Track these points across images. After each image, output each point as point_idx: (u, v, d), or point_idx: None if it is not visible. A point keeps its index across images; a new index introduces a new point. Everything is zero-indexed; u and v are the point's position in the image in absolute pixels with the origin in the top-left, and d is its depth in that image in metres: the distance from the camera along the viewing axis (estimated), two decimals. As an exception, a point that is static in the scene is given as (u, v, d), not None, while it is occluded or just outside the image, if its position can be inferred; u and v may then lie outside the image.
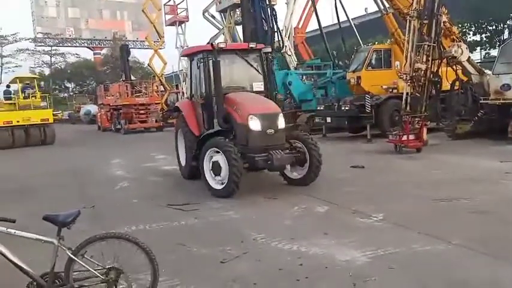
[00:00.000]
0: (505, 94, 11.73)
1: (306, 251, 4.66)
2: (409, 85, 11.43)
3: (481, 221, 5.35)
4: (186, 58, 9.50)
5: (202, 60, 7.89)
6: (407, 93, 11.48)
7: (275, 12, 17.76)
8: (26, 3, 62.10)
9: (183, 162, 8.98)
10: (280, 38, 18.79)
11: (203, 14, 28.71)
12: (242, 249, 4.78)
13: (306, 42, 25.74)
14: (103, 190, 8.56)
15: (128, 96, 26.76)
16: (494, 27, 31.94)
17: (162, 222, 6.00)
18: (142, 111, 26.15)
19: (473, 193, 6.59)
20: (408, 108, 11.41)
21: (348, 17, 20.40)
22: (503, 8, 28.95)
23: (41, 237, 3.23)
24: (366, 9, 39.87)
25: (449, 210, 5.90)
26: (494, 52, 29.52)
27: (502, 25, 31.72)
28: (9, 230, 3.15)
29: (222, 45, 7.84)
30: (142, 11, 28.88)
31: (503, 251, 4.32)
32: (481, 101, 12.42)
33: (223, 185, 7.01)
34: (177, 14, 25.33)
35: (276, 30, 17.54)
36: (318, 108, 15.81)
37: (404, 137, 10.93)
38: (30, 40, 57.39)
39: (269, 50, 8.41)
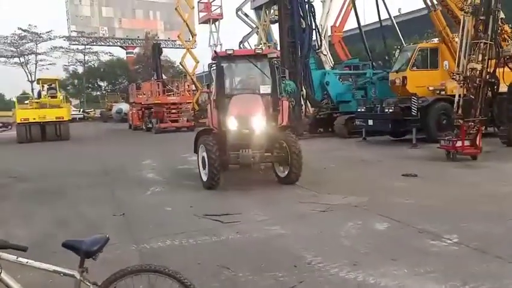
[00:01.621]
0: None
1: (374, 283, 3.82)
2: (462, 86, 10.36)
3: None
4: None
5: (211, 66, 8.56)
6: (459, 96, 10.42)
7: (313, 9, 16.89)
8: (61, 2, 63.32)
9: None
10: (318, 37, 17.88)
11: (236, 12, 28.07)
12: (297, 277, 3.98)
13: (342, 42, 24.68)
14: (134, 195, 7.94)
15: (159, 95, 26.43)
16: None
17: (200, 236, 5.26)
18: (173, 111, 25.75)
19: (558, 212, 5.58)
20: (460, 111, 10.36)
21: (389, 15, 19.29)
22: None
23: (59, 269, 2.51)
24: (399, 9, 38.49)
25: (536, 233, 4.93)
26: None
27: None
28: (20, 259, 2.45)
29: (229, 52, 8.47)
30: (176, 9, 28.53)
31: None
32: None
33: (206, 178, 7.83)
34: (211, 12, 24.73)
35: (314, 28, 16.64)
36: (359, 110, 14.82)
37: (459, 143, 9.86)
38: (64, 38, 58.30)
39: (275, 55, 8.75)
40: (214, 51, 8.90)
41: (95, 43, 61.09)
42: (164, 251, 4.87)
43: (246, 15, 28.34)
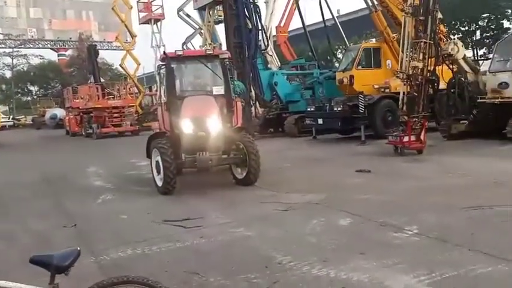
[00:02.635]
0: (502, 92, 11.42)
1: (347, 278, 3.90)
2: (405, 84, 10.93)
3: (531, 233, 4.75)
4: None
5: (162, 67, 8.33)
6: (403, 93, 10.98)
7: (259, 9, 17.02)
8: (-16, 3, 58.93)
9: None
10: (264, 37, 18.07)
11: (178, 13, 27.64)
12: (270, 278, 3.97)
13: (288, 42, 25.14)
14: (83, 204, 7.55)
15: (99, 99, 25.40)
16: (467, 28, 32.43)
17: (163, 243, 5.10)
18: (115, 115, 24.87)
19: (502, 199, 6.03)
20: (405, 108, 10.92)
21: (333, 15, 19.91)
22: (476, 10, 29.46)
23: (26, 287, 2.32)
24: (338, 10, 39.94)
25: (487, 220, 5.29)
26: (467, 53, 29.86)
27: (474, 26, 32.25)
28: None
29: (179, 53, 8.41)
30: (112, 9, 27.55)
31: None
32: (478, 100, 12.07)
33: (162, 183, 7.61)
34: (152, 12, 24.16)
35: (260, 28, 16.79)
36: (308, 109, 15.16)
37: (406, 138, 10.39)
38: (-12, 41, 54.34)
39: (227, 55, 8.77)
40: (164, 52, 8.67)
41: (23, 46, 57.49)
42: (126, 261, 4.66)
43: (188, 15, 27.99)
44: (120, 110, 25.32)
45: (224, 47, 17.86)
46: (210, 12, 24.28)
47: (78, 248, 2.42)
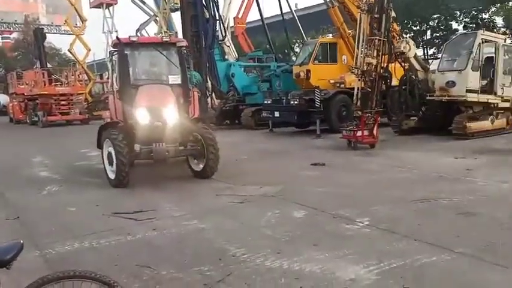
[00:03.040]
0: (449, 91, 11.98)
1: (300, 269, 3.97)
2: (360, 80, 11.22)
3: (472, 224, 5.05)
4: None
5: (115, 53, 7.98)
6: (358, 89, 11.28)
7: (216, 0, 16.83)
8: None
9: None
10: (222, 27, 17.91)
11: (132, -1, 26.87)
12: (223, 270, 3.98)
13: (245, 33, 25.06)
14: (27, 195, 7.21)
15: (45, 85, 24.24)
16: (418, 27, 33.73)
17: (113, 236, 4.97)
18: (63, 102, 23.86)
19: (447, 192, 6.36)
20: (359, 103, 11.22)
21: (291, 9, 20.07)
22: (428, 9, 30.70)
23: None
24: (296, 4, 40.33)
25: (433, 212, 5.57)
26: (418, 52, 31.08)
27: (425, 26, 33.60)
28: None
29: (133, 39, 8.00)
30: (62, -9, 26.29)
31: (511, 259, 3.97)
32: (427, 97, 12.61)
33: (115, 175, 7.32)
34: (104, -4, 23.35)
35: (217, 18, 16.63)
36: (265, 102, 15.23)
37: (359, 133, 10.70)
38: None
39: (184, 44, 8.54)
40: (116, 37, 8.26)
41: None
42: (73, 254, 4.50)
43: (142, 1, 27.31)
44: (68, 97, 24.30)
45: (180, 36, 17.51)
46: (166, 0, 23.75)
47: (21, 241, 2.30)
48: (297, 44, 30.42)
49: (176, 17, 22.68)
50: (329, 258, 4.17)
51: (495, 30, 25.94)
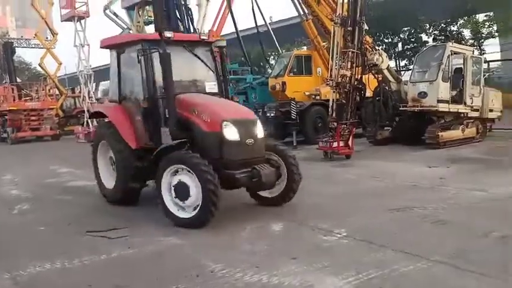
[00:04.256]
0: (421, 101, 12.33)
1: (279, 282, 3.97)
2: (334, 92, 11.42)
3: (446, 232, 5.17)
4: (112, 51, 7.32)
5: (143, 53, 6.33)
6: (333, 100, 11.47)
7: (191, 12, 16.92)
8: None
9: (108, 183, 7.26)
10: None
11: (104, 11, 26.63)
12: (201, 287, 3.94)
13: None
14: (-4, 215, 6.97)
15: (14, 100, 23.69)
16: (390, 39, 34.68)
17: (86, 256, 4.85)
18: (33, 118, 23.31)
19: (422, 201, 6.50)
20: (334, 114, 11.40)
21: (265, 22, 20.31)
22: (399, 22, 31.64)
23: None
24: (271, 17, 40.81)
25: (409, 221, 5.67)
26: (391, 63, 31.87)
27: (397, 38, 34.56)
28: None
29: (169, 35, 6.29)
30: (32, 4, 25.90)
31: (485, 266, 4.07)
32: (400, 108, 12.93)
33: (195, 212, 5.56)
34: (75, 9, 23.02)
35: (192, 31, 16.68)
36: (241, 114, 15.25)
37: (335, 144, 10.85)
38: None
39: (224, 43, 7.61)
40: (158, 30, 6.42)
41: None
42: (45, 276, 4.38)
43: (115, 14, 27.07)
44: (38, 112, 23.78)
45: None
46: (140, 12, 23.67)
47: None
48: (272, 57, 30.72)
49: (150, 30, 22.59)
50: (308, 271, 4.18)
51: (463, 42, 26.92)
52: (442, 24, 33.02)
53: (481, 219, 5.52)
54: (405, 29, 33.40)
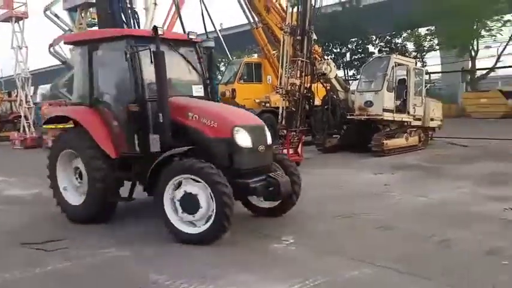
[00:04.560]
0: (368, 110, 12.81)
1: (225, 293, 3.94)
2: (284, 100, 11.60)
3: (391, 237, 5.37)
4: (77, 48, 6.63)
5: (131, 50, 5.71)
6: (283, 108, 11.64)
7: (137, 15, 16.49)
8: None
9: (72, 199, 6.43)
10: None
11: (44, 12, 25.50)
12: (144, 299, 3.82)
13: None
14: None
15: None
16: (338, 49, 35.88)
17: (20, 269, 4.58)
18: (-37, 123, 21.78)
19: (367, 207, 6.71)
20: (284, 122, 11.57)
21: (215, 28, 20.28)
22: (347, 33, 32.85)
23: None
24: (221, 24, 40.94)
25: (354, 227, 5.85)
26: (339, 73, 32.91)
27: (345, 48, 35.83)
28: None
29: (160, 32, 5.65)
30: (-37, 2, 24.30)
31: (427, 270, 4.26)
32: (348, 117, 13.35)
33: (205, 227, 5.11)
34: (13, 9, 21.87)
35: (139, 35, 16.32)
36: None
37: (285, 151, 10.97)
38: None
39: (212, 44, 7.00)
40: (154, 27, 5.73)
41: None
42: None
43: (56, 16, 26.00)
44: (-30, 117, 22.29)
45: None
46: (82, 14, 22.89)
47: None
48: (222, 63, 30.78)
49: (95, 33, 21.88)
50: (255, 279, 4.18)
51: (407, 54, 28.34)
52: (388, 37, 34.69)
53: (423, 224, 5.78)
54: (353, 40, 34.73)
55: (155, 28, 5.72)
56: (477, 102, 25.91)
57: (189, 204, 5.13)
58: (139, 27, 16.55)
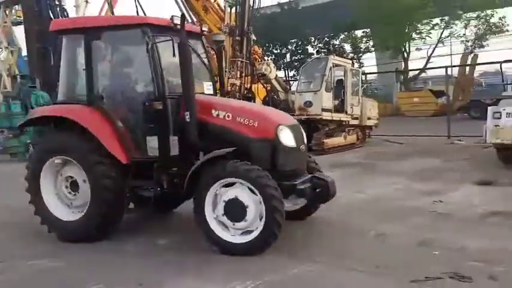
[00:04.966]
0: (307, 110, 13.17)
1: (165, 298, 3.89)
2: (224, 100, 11.64)
3: (330, 234, 5.58)
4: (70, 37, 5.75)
5: (149, 41, 5.14)
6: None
7: (67, 13, 15.93)
8: None
9: (63, 215, 5.58)
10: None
11: (-37, 8, 23.79)
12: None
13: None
14: None
15: None
16: (279, 50, 36.57)
17: None
18: None
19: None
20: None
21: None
22: (287, 34, 33.57)
23: None
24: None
25: (296, 225, 5.89)
26: (280, 74, 33.55)
27: (285, 49, 36.58)
28: None
29: (176, 21, 5.19)
30: None
31: (364, 263, 4.46)
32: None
33: (252, 236, 4.74)
34: None
35: (69, 34, 15.69)
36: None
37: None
38: None
39: (223, 38, 6.89)
40: (172, 17, 5.27)
41: None
42: None
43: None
44: None
45: (24, 52, 16.10)
46: (7, 12, 21.66)
47: None
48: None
49: (19, 32, 20.74)
50: (195, 283, 4.18)
51: (344, 56, 29.49)
52: (326, 38, 35.86)
53: (360, 220, 6.05)
54: (293, 41, 35.54)
55: (183, 16, 5.34)
56: (410, 101, 27.51)
57: (235, 210, 4.75)
58: (69, 25, 16.00)
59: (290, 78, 34.49)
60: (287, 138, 5.12)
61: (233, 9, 12.44)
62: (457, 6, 28.74)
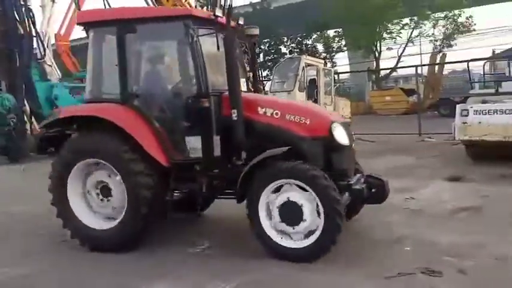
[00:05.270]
0: (281, 110, 13.23)
1: (139, 302, 3.86)
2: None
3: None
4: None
5: (190, 35, 4.85)
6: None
7: (32, 14, 15.57)
8: None
9: (93, 222, 5.21)
10: (40, 44, 16.58)
11: None
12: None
13: (70, 52, 23.54)
14: None
15: None
16: (252, 50, 36.70)
17: None
18: None
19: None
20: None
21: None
22: (260, 34, 33.68)
23: None
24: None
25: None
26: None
27: (258, 49, 36.73)
28: None
29: (219, 14, 5.04)
30: None
31: (337, 260, 4.52)
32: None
33: (310, 240, 4.51)
34: None
35: (35, 35, 15.38)
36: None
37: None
38: None
39: (257, 32, 6.02)
40: (213, 9, 5.20)
41: None
42: None
43: None
44: None
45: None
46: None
47: None
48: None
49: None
50: (170, 286, 4.16)
51: (317, 55, 29.82)
52: (299, 38, 36.19)
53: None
54: (265, 40, 35.72)
55: (230, 8, 5.21)
56: (382, 100, 28.06)
57: (291, 214, 4.51)
58: (34, 26, 15.65)
59: (263, 78, 34.71)
60: (341, 135, 4.93)
61: (204, 9, 12.38)
62: (425, 6, 29.52)
